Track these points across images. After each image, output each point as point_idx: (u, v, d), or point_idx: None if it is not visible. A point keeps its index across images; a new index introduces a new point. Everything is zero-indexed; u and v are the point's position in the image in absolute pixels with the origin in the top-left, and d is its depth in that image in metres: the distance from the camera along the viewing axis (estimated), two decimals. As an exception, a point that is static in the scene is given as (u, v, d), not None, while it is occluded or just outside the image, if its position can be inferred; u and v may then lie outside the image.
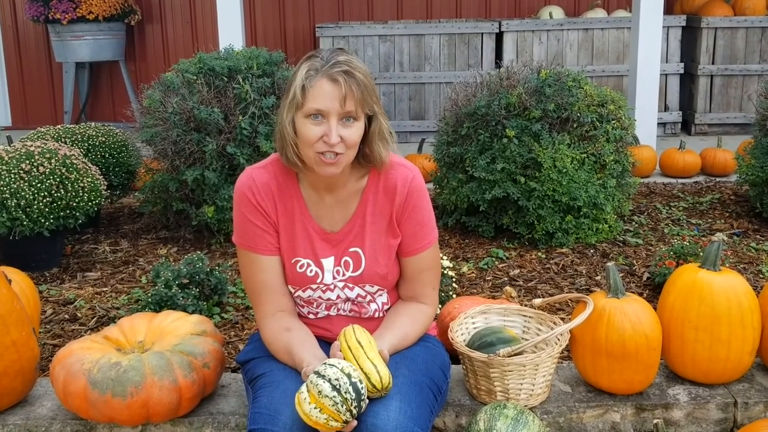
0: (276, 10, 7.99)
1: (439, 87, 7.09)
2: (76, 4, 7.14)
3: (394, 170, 2.14)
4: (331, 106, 1.95)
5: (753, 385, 2.49)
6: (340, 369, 1.85)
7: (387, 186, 2.14)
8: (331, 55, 1.99)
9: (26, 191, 3.51)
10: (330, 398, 1.81)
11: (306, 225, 2.15)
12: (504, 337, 2.35)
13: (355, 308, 2.22)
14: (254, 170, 2.16)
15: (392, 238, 2.16)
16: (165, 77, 4.09)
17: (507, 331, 2.41)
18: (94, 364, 2.20)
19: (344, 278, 2.16)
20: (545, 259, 3.85)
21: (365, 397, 1.87)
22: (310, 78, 1.96)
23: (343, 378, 1.83)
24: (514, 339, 2.36)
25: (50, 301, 3.44)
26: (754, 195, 4.46)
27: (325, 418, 1.83)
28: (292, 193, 2.15)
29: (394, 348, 2.09)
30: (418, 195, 2.15)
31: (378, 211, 2.15)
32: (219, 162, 3.89)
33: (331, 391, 1.81)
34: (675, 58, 7.15)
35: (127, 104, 7.53)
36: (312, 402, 1.84)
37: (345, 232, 2.16)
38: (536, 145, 3.91)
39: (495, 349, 2.27)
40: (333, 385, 1.82)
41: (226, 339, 3.02)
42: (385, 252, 2.16)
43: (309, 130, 1.97)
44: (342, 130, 1.97)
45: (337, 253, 2.16)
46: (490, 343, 2.34)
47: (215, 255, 3.99)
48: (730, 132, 7.13)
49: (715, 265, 2.42)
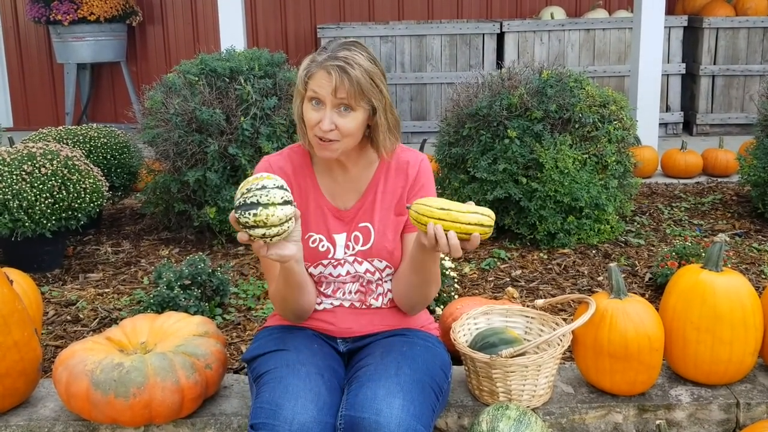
0: (277, 11, 8.00)
1: (440, 87, 7.09)
2: (77, 5, 7.14)
3: (404, 153, 2.28)
4: (326, 94, 2.06)
5: (755, 386, 2.48)
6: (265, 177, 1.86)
7: (399, 165, 2.26)
8: (335, 49, 2.09)
9: (28, 192, 3.52)
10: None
11: (320, 203, 2.24)
12: (506, 338, 2.35)
13: (362, 290, 2.25)
14: (271, 156, 2.31)
15: (399, 215, 2.25)
16: (166, 78, 4.09)
17: (509, 331, 2.41)
18: (96, 365, 2.20)
19: (354, 252, 2.23)
20: (547, 259, 3.85)
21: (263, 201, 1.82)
22: (311, 68, 2.10)
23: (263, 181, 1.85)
24: (516, 340, 2.36)
25: (52, 303, 3.44)
26: (756, 195, 4.45)
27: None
28: (306, 173, 2.26)
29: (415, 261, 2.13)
30: (428, 175, 2.28)
31: (389, 189, 2.25)
32: (221, 163, 3.89)
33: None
34: (676, 58, 7.15)
35: (128, 105, 7.54)
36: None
37: (356, 208, 2.25)
38: (538, 146, 3.91)
39: (497, 350, 2.27)
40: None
41: (228, 340, 3.02)
42: (392, 228, 2.24)
43: (310, 114, 2.10)
44: (337, 119, 2.07)
45: (348, 229, 2.24)
46: (493, 344, 2.34)
47: (217, 256, 4.00)
48: (731, 132, 7.13)
49: (717, 265, 2.42)
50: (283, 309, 2.22)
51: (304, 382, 2.01)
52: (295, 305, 2.18)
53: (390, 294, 2.28)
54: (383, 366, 2.06)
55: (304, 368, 2.06)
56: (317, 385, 2.01)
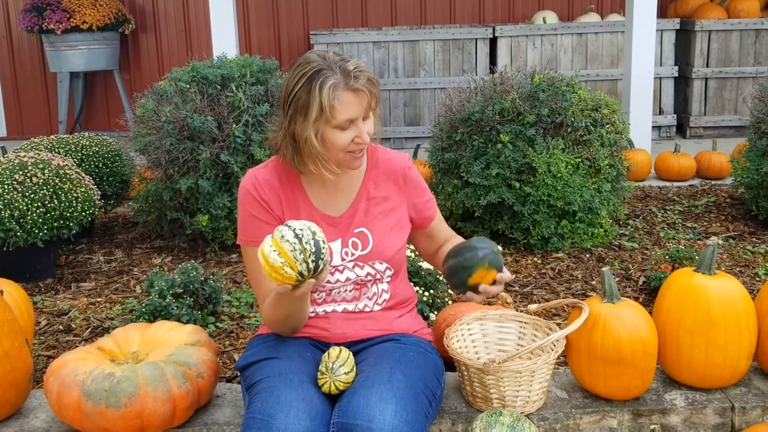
0: (270, 17, 8.00)
1: (433, 93, 7.09)
2: (69, 14, 7.14)
3: (389, 156, 2.33)
4: (358, 112, 2.10)
5: (750, 390, 2.48)
6: (308, 226, 1.90)
7: (387, 169, 2.30)
8: (339, 65, 2.07)
9: (20, 202, 3.50)
10: (290, 243, 1.85)
11: (311, 213, 2.24)
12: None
13: (357, 288, 2.26)
14: (256, 170, 2.28)
15: (394, 216, 2.29)
16: (158, 86, 4.08)
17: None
18: (87, 375, 2.19)
19: (353, 258, 2.24)
20: (541, 264, 3.85)
21: (325, 258, 1.90)
22: (334, 94, 2.06)
23: (306, 231, 1.88)
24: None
25: (44, 312, 3.42)
26: (749, 198, 4.45)
27: (281, 262, 1.86)
28: (294, 185, 2.25)
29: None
30: (415, 172, 2.36)
31: (381, 192, 2.28)
32: (213, 170, 3.88)
33: (293, 237, 1.86)
34: (669, 61, 7.16)
35: (121, 113, 7.53)
36: (273, 245, 1.87)
37: (350, 214, 2.26)
38: (531, 150, 3.90)
39: (469, 273, 2.16)
40: (296, 234, 1.87)
41: (221, 349, 3.01)
42: (391, 231, 2.27)
43: (341, 138, 2.11)
44: (366, 126, 2.14)
45: (344, 236, 2.24)
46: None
47: (210, 264, 3.98)
48: (725, 135, 7.14)
49: (710, 269, 2.41)
50: (282, 328, 2.21)
51: (297, 391, 2.00)
52: (298, 323, 2.20)
53: (384, 295, 2.29)
54: (376, 372, 2.05)
55: (296, 377, 2.05)
56: (310, 395, 2.01)
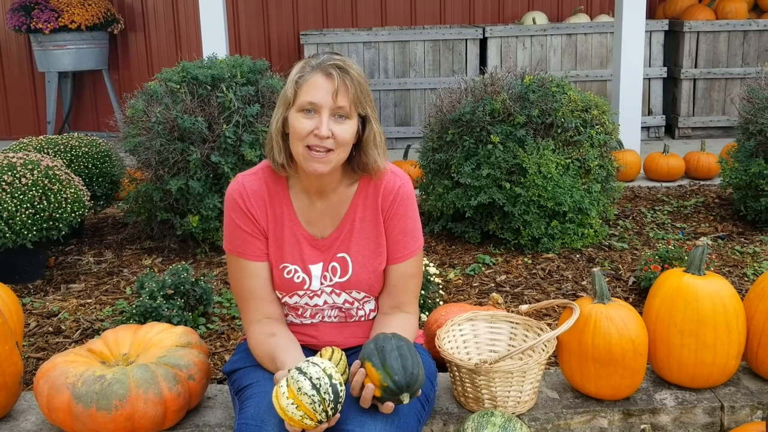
0: (260, 17, 7.98)
1: (424, 93, 7.10)
2: (58, 14, 7.10)
3: (383, 178, 2.16)
4: (324, 99, 1.97)
5: (739, 389, 2.49)
6: (323, 369, 1.86)
7: (375, 193, 2.15)
8: (327, 54, 2.03)
9: (8, 203, 3.48)
10: (308, 396, 1.82)
11: (295, 231, 2.16)
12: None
13: (342, 315, 2.23)
14: (245, 177, 2.18)
15: (379, 245, 2.17)
16: (148, 86, 4.06)
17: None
18: (78, 378, 2.18)
19: (331, 284, 2.17)
20: (531, 264, 3.86)
21: (343, 397, 1.88)
22: (305, 73, 2.00)
23: (324, 378, 1.84)
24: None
25: (34, 314, 3.40)
26: (737, 198, 4.48)
27: (300, 415, 1.83)
28: (282, 199, 2.16)
29: None
30: (405, 203, 2.16)
31: (367, 217, 2.16)
32: (203, 171, 3.87)
33: (311, 389, 1.82)
34: (658, 62, 7.19)
35: (110, 114, 7.50)
36: (290, 397, 1.84)
37: (333, 238, 2.17)
38: (521, 151, 3.91)
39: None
40: (313, 384, 1.83)
41: (212, 350, 3.00)
42: (371, 258, 2.17)
43: (301, 123, 1.99)
44: (333, 126, 1.99)
45: (325, 259, 2.17)
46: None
47: (200, 265, 3.97)
48: (713, 135, 7.18)
49: (699, 269, 2.43)
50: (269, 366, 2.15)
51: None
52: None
53: (372, 314, 2.26)
54: (367, 377, 2.04)
55: None
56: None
